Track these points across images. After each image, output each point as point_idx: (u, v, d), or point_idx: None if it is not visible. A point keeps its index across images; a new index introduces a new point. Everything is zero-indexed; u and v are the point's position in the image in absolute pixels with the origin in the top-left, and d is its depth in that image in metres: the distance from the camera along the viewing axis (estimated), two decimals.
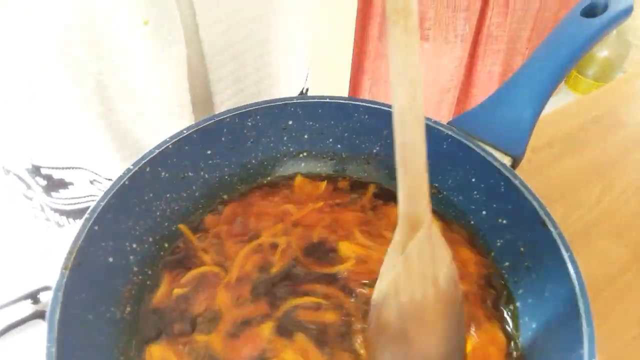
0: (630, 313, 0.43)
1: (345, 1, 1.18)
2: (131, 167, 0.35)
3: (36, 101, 0.44)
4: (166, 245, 0.38)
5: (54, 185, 0.51)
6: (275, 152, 0.42)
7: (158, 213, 0.37)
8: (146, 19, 0.40)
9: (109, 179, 0.51)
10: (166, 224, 0.38)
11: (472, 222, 0.38)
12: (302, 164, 0.43)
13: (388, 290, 0.27)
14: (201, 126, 0.38)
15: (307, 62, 0.61)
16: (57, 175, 0.50)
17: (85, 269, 0.30)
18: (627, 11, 0.41)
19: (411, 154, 0.25)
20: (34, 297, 0.42)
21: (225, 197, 0.41)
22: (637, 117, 0.61)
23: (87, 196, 0.52)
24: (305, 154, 0.43)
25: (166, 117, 0.47)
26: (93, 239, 0.31)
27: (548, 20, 1.74)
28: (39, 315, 0.41)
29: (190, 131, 0.37)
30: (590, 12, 0.41)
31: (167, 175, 0.37)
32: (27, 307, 0.42)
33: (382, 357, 0.30)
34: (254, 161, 0.42)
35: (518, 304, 0.34)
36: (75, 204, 0.53)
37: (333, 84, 1.33)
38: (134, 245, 0.36)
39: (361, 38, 1.29)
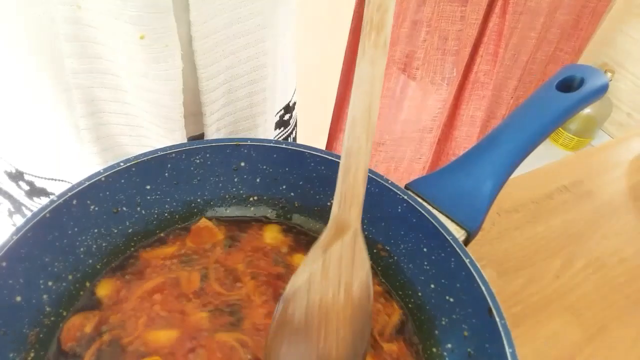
0: None
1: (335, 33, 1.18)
2: (55, 198, 0.32)
3: (22, 108, 0.42)
4: (87, 284, 0.34)
5: (35, 191, 0.49)
6: (224, 193, 0.40)
7: (82, 249, 0.34)
8: (142, 33, 0.38)
9: None
10: (90, 261, 0.35)
11: (420, 294, 0.35)
12: (252, 208, 0.41)
13: (301, 286, 0.28)
14: (141, 160, 0.35)
15: (295, 77, 0.60)
16: (39, 183, 0.48)
17: None
18: (603, 89, 0.40)
19: (355, 161, 0.26)
20: None
21: (162, 234, 0.38)
22: (606, 190, 0.61)
23: None
24: (255, 197, 0.40)
25: (158, 132, 0.45)
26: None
27: (536, 72, 1.77)
28: None
29: (128, 164, 0.34)
30: (566, 86, 0.40)
31: (96, 209, 0.34)
32: None
33: (279, 352, 0.29)
34: (199, 200, 0.39)
35: None
36: None
37: (320, 99, 1.32)
38: (50, 284, 0.32)
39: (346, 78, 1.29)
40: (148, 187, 0.37)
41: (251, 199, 0.40)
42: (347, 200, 0.27)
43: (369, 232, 0.38)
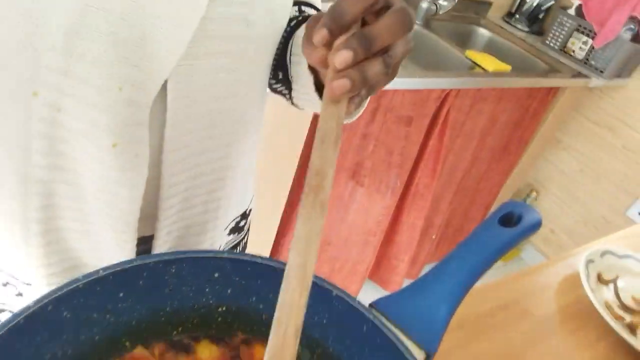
0: None
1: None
2: (31, 304, 0.31)
3: None
4: None
5: None
6: (193, 303, 0.41)
7: (48, 357, 0.34)
8: (115, 142, 0.40)
9: (28, 284, 0.47)
10: None
11: None
12: (219, 319, 0.41)
13: None
14: (120, 268, 0.36)
15: (252, 185, 0.63)
16: None
17: None
18: (537, 225, 0.46)
19: (287, 315, 0.26)
20: None
21: (127, 343, 0.38)
22: (542, 309, 0.66)
23: None
24: (224, 308, 0.41)
25: (109, 231, 0.45)
26: None
27: (469, 188, 1.92)
28: None
29: (107, 272, 0.35)
30: (506, 220, 0.46)
31: (68, 315, 0.34)
32: None
33: None
34: (167, 309, 0.40)
35: None
36: None
37: (270, 207, 1.35)
38: None
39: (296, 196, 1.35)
40: (121, 294, 0.37)
41: (219, 309, 0.41)
42: (277, 354, 0.25)
43: (334, 349, 0.40)
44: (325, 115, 0.30)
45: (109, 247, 0.46)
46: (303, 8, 0.52)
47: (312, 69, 0.43)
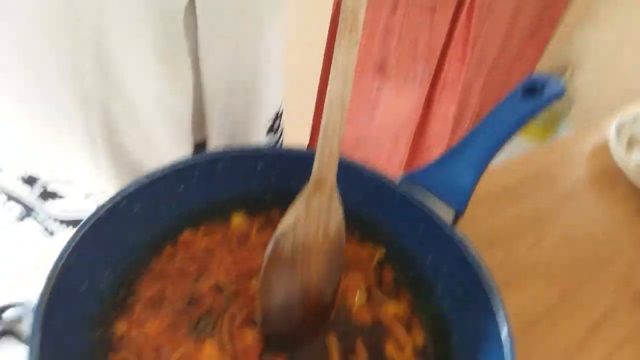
0: (553, 349, 0.49)
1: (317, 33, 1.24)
2: (129, 185, 0.37)
3: (41, 116, 0.45)
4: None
5: (47, 195, 0.52)
6: (243, 191, 0.45)
7: (129, 244, 0.40)
8: (157, 54, 0.43)
9: (104, 192, 0.53)
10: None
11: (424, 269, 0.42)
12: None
13: (289, 227, 0.34)
14: (176, 166, 0.40)
15: (280, 88, 0.66)
16: (51, 188, 0.52)
17: (62, 294, 0.31)
18: (559, 94, 0.47)
19: (332, 131, 0.32)
20: None
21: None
22: (572, 175, 0.69)
23: (80, 210, 0.54)
24: (269, 194, 0.46)
25: (168, 145, 0.50)
26: (71, 267, 0.33)
27: (501, 73, 1.87)
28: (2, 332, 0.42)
29: (166, 170, 0.40)
30: (530, 90, 0.47)
31: (139, 209, 0.39)
32: None
33: (271, 280, 0.36)
34: (222, 198, 0.45)
35: None
36: (68, 214, 0.54)
37: (303, 106, 1.38)
38: (106, 273, 0.38)
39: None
40: (181, 188, 0.42)
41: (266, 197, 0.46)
42: (326, 160, 0.32)
43: (370, 217, 0.44)
44: None
45: (169, 155, 0.51)
46: None
47: None
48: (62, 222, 0.54)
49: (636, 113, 0.75)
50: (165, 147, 0.51)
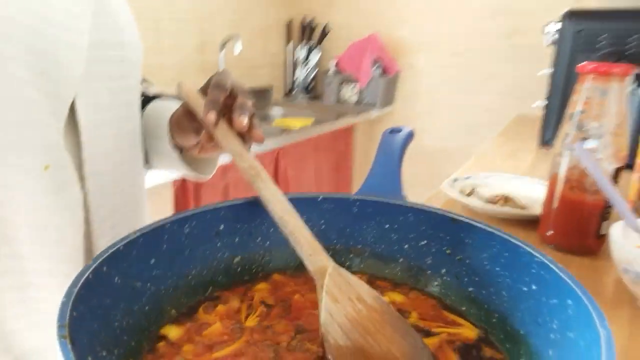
0: None
1: None
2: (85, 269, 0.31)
3: None
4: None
5: None
6: (212, 260, 0.42)
7: (116, 324, 0.32)
8: (47, 164, 0.43)
9: None
10: (125, 337, 0.33)
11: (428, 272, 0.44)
12: (239, 269, 0.44)
13: (325, 319, 0.33)
14: (147, 230, 0.37)
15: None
16: None
17: None
18: (410, 135, 0.62)
19: (299, 234, 0.37)
20: None
21: (172, 311, 0.38)
22: None
23: None
24: (238, 258, 0.44)
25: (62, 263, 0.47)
26: None
27: None
28: None
29: (137, 234, 0.36)
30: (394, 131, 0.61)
31: (119, 281, 0.34)
32: None
33: None
34: (193, 271, 0.41)
35: None
36: None
37: None
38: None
39: None
40: (152, 261, 0.37)
41: (234, 259, 0.44)
42: (310, 255, 0.36)
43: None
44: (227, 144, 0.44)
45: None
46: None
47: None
48: None
49: (460, 177, 0.93)
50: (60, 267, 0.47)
